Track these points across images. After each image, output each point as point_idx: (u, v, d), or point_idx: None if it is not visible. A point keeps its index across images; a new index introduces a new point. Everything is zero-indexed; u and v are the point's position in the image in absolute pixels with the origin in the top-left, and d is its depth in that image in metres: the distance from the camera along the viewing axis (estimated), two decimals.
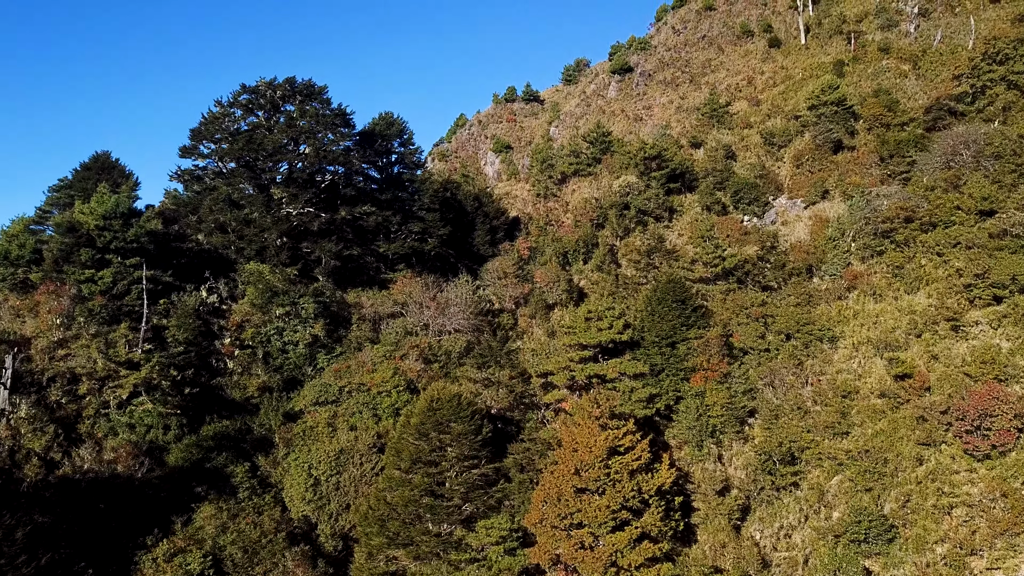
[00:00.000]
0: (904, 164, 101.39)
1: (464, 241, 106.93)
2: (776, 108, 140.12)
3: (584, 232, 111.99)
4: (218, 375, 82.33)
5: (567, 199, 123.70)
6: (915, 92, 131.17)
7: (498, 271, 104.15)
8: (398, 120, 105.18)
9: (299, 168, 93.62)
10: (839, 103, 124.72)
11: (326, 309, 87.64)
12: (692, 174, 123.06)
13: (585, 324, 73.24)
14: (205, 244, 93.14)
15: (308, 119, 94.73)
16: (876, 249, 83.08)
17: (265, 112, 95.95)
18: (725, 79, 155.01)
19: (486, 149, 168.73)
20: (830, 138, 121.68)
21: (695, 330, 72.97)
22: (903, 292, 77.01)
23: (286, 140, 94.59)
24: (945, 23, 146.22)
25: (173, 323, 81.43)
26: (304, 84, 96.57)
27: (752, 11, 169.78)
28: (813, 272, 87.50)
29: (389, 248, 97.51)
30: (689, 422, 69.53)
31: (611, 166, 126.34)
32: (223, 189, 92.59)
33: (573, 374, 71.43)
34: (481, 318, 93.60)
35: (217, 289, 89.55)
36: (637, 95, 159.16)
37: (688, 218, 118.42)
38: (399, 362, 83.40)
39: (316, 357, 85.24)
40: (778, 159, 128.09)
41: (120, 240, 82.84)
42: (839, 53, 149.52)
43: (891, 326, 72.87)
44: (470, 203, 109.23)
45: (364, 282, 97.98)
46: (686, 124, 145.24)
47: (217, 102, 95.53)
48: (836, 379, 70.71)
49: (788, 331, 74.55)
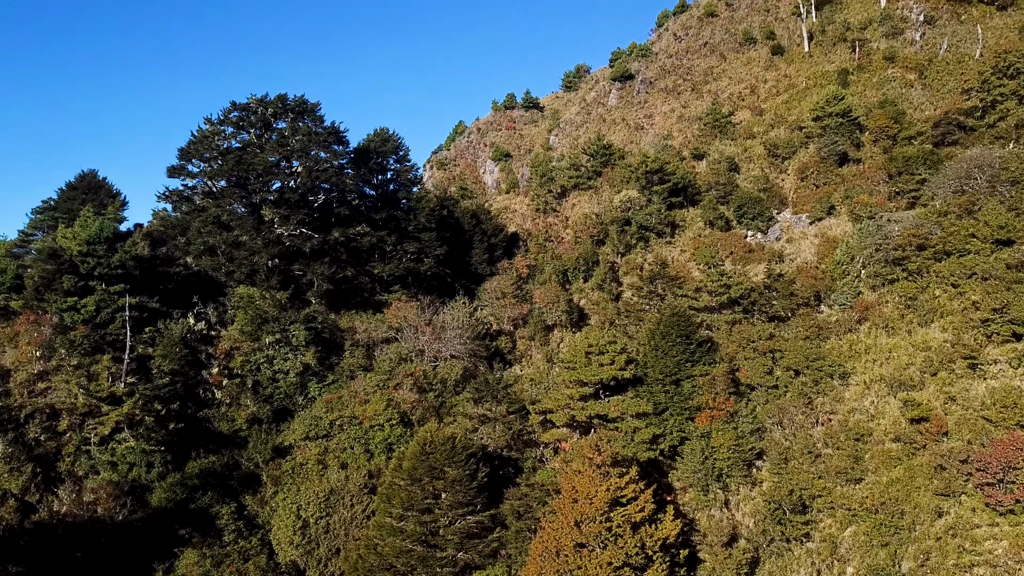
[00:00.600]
0: (913, 182, 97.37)
1: (461, 260, 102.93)
2: (780, 118, 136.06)
3: (584, 249, 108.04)
4: (205, 406, 78.45)
5: (567, 214, 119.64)
6: (922, 102, 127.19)
7: (496, 291, 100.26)
8: (393, 136, 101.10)
9: (291, 188, 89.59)
10: (844, 114, 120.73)
11: (318, 336, 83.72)
12: (695, 188, 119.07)
13: (585, 359, 69.23)
14: (194, 267, 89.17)
15: (300, 137, 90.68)
16: (887, 277, 78.86)
17: (256, 130, 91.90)
18: (727, 87, 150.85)
19: (485, 157, 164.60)
20: (835, 151, 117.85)
21: (700, 366, 68.95)
22: (916, 324, 72.85)
23: (277, 159, 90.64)
24: (951, 31, 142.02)
25: (159, 352, 77.52)
26: (296, 101, 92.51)
27: (755, 17, 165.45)
28: (821, 299, 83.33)
29: (384, 270, 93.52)
30: (694, 465, 65.53)
31: (612, 179, 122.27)
32: (212, 210, 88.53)
33: (573, 413, 67.48)
34: (478, 342, 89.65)
35: (205, 315, 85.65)
36: (638, 103, 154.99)
37: (691, 233, 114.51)
38: (393, 392, 79.57)
39: (307, 386, 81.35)
40: (782, 171, 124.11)
41: (104, 266, 78.90)
42: (843, 61, 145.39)
43: (905, 362, 68.78)
44: (467, 220, 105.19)
45: (358, 304, 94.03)
46: (688, 134, 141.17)
47: (207, 119, 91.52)
48: (848, 419, 66.64)
49: (797, 367, 70.51)
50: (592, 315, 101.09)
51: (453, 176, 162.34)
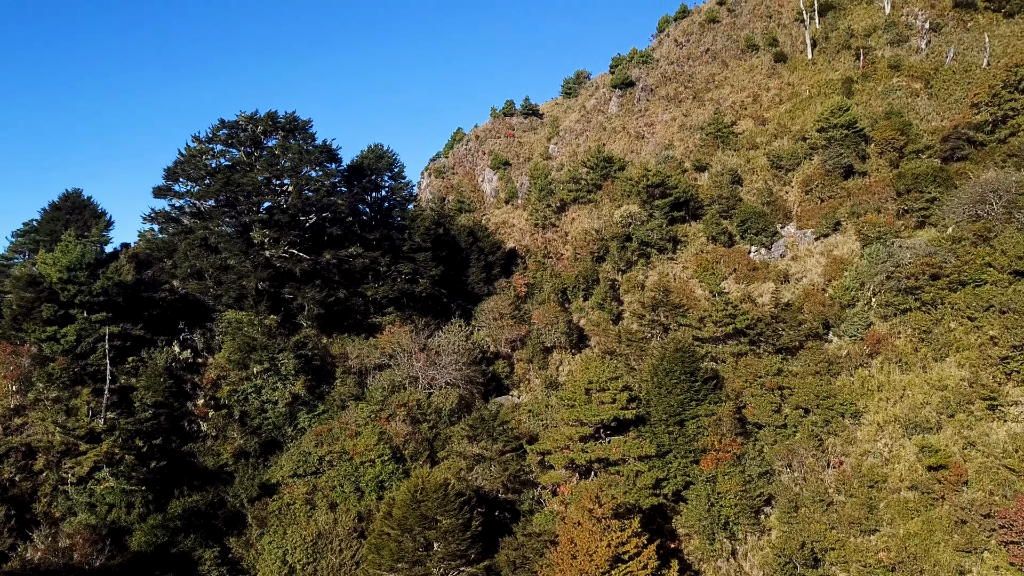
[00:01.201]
0: (922, 200, 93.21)
1: (458, 279, 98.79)
2: (783, 128, 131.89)
3: (584, 267, 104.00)
4: (190, 440, 74.44)
5: (566, 229, 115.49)
6: (928, 112, 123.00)
7: (493, 311, 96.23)
8: (388, 152, 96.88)
9: (281, 208, 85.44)
10: (849, 126, 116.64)
11: (308, 363, 79.70)
12: (697, 201, 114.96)
13: (585, 396, 65.22)
14: (181, 290, 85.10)
15: (291, 155, 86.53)
16: (899, 307, 74.56)
17: (245, 148, 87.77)
18: (730, 95, 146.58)
19: (484, 166, 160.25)
20: (840, 163, 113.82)
21: (705, 405, 64.85)
22: (931, 359, 68.69)
23: (267, 178, 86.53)
24: (957, 39, 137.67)
25: (142, 384, 73.54)
26: (287, 118, 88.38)
27: (757, 24, 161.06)
28: (830, 326, 79.20)
29: (377, 292, 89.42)
30: (700, 512, 61.49)
31: (612, 193, 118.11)
32: (200, 231, 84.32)
33: (572, 456, 63.46)
34: (474, 368, 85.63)
35: (192, 341, 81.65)
36: (639, 111, 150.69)
37: (693, 249, 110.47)
38: (385, 424, 75.61)
39: (297, 416, 77.43)
40: (786, 183, 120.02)
41: (86, 293, 74.89)
42: (847, 69, 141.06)
43: (920, 401, 64.67)
44: (464, 238, 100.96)
45: (351, 326, 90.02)
46: (689, 143, 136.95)
47: (194, 138, 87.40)
48: (861, 463, 62.56)
49: (806, 405, 66.45)
50: (592, 336, 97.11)
51: (451, 184, 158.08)
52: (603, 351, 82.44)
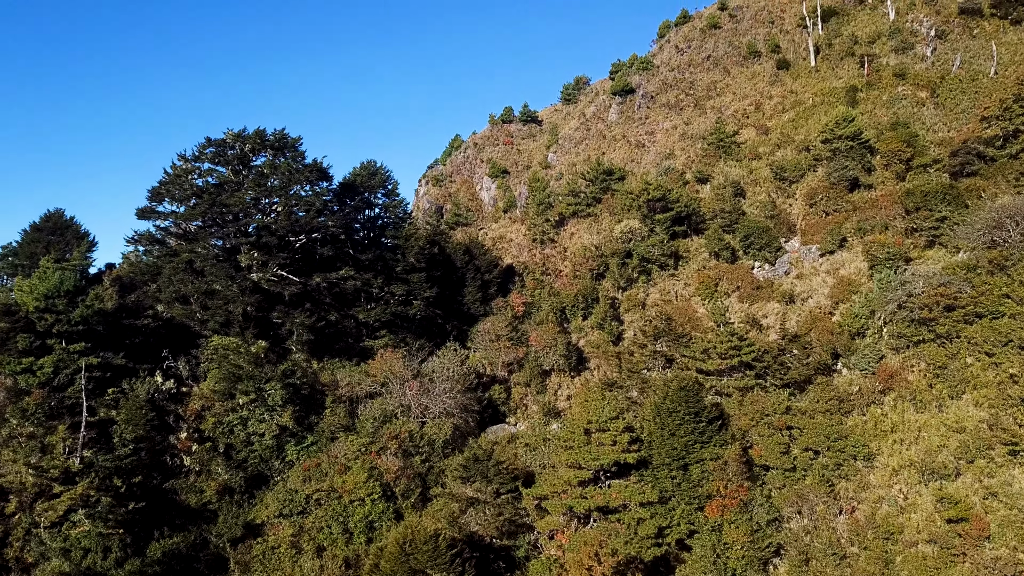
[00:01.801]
0: (932, 219, 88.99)
1: (453, 299, 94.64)
2: (786, 137, 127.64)
3: (583, 285, 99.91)
4: (172, 476, 70.41)
5: (565, 244, 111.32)
6: (935, 123, 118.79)
7: (490, 333, 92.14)
8: (381, 169, 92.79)
9: (270, 229, 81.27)
10: (854, 137, 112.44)
11: (296, 392, 75.64)
12: (699, 215, 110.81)
13: (585, 437, 61.19)
14: (165, 315, 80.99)
15: (280, 175, 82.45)
16: (912, 339, 70.36)
17: (233, 167, 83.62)
18: (731, 103, 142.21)
19: (482, 174, 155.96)
20: (846, 176, 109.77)
21: (710, 447, 60.69)
22: (946, 396, 64.55)
23: (255, 197, 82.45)
24: (964, 47, 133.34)
25: (122, 417, 69.51)
26: (276, 135, 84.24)
27: (759, 30, 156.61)
28: (839, 356, 75.04)
29: (369, 315, 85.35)
30: (705, 564, 57.39)
31: (612, 207, 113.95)
32: (185, 255, 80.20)
33: (570, 503, 59.36)
34: (469, 395, 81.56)
35: (176, 370, 77.64)
36: (639, 119, 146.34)
37: (695, 265, 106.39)
38: (375, 458, 71.62)
39: (284, 448, 73.44)
40: (789, 195, 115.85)
41: (64, 323, 70.87)
42: (851, 77, 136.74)
43: (936, 444, 60.54)
44: (460, 257, 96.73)
45: (342, 350, 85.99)
46: (691, 153, 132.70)
47: (180, 156, 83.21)
48: (875, 511, 58.43)
49: (816, 447, 62.37)
50: (592, 358, 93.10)
51: (449, 193, 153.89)
52: (603, 382, 78.25)
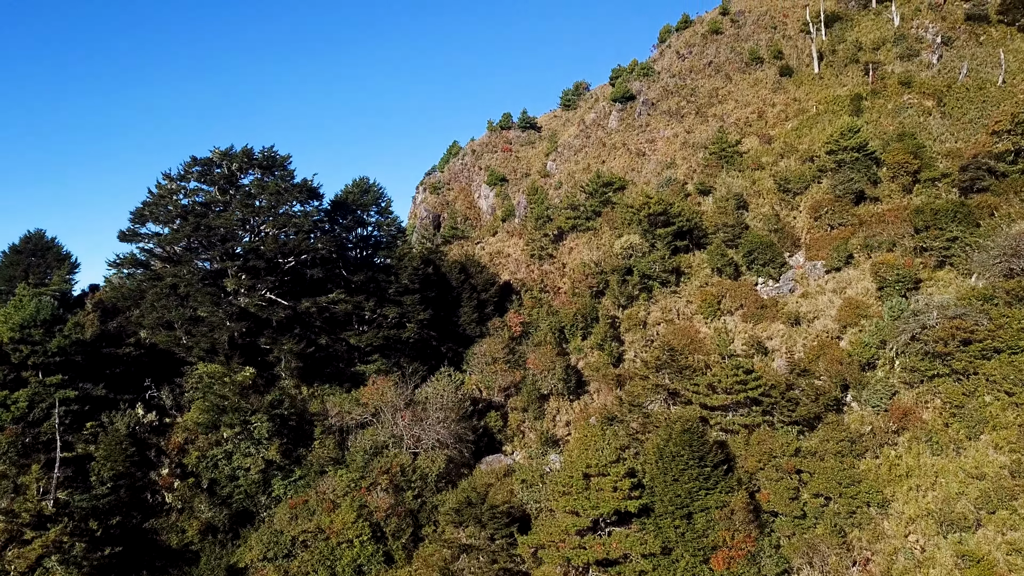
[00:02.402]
0: (943, 239, 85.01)
1: (448, 320, 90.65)
2: (789, 147, 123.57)
3: (582, 303, 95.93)
4: (153, 514, 66.49)
5: (564, 260, 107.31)
6: (941, 133, 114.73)
7: (486, 355, 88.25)
8: (374, 186, 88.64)
9: (257, 252, 77.31)
10: (860, 148, 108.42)
11: (284, 424, 71.78)
12: (701, 230, 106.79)
13: (583, 482, 57.25)
14: (148, 342, 77.09)
15: (268, 195, 78.49)
16: (926, 374, 66.30)
17: (219, 186, 79.66)
18: (734, 111, 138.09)
19: (480, 181, 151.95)
20: (851, 188, 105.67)
21: (716, 494, 56.67)
22: (964, 437, 60.49)
23: (243, 219, 78.52)
24: (970, 54, 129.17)
25: (100, 454, 65.61)
26: (264, 154, 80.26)
27: (761, 35, 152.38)
28: (848, 387, 70.99)
29: (361, 340, 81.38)
30: None
31: (612, 220, 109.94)
32: (168, 279, 76.23)
33: (568, 555, 55.42)
34: (465, 424, 77.64)
35: (159, 400, 73.77)
36: (639, 126, 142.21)
37: (697, 282, 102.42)
38: (365, 495, 67.75)
39: (271, 483, 69.64)
40: (794, 208, 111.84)
41: (40, 354, 67.02)
42: (856, 85, 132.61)
43: (955, 491, 56.47)
44: (455, 276, 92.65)
45: (333, 375, 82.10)
46: (692, 162, 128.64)
47: (165, 175, 79.29)
48: (891, 564, 54.31)
49: (827, 492, 58.33)
50: (591, 382, 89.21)
51: (446, 201, 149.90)
52: (603, 416, 74.20)
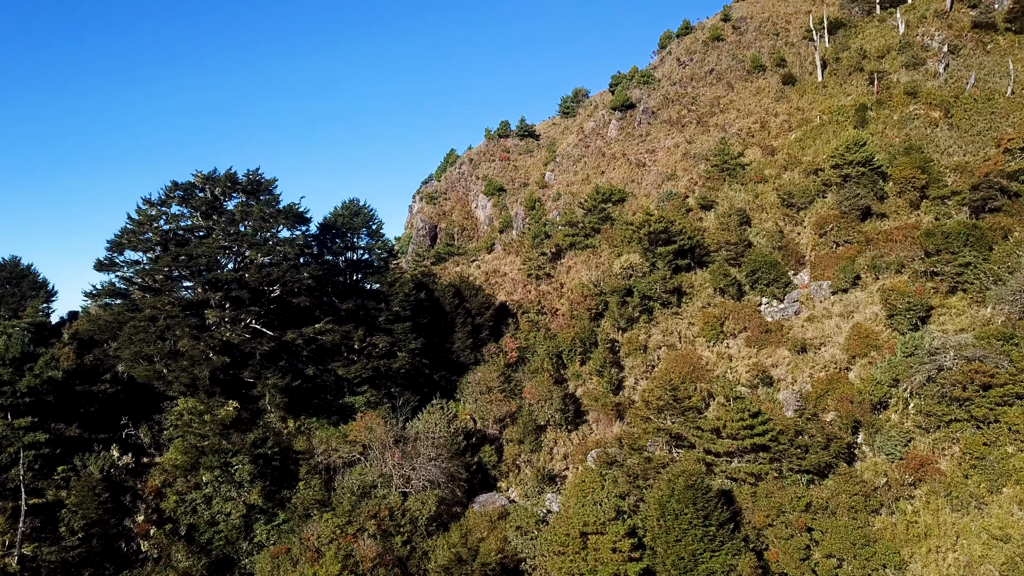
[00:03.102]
0: (955, 265, 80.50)
1: (441, 347, 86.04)
2: (793, 159, 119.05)
3: (581, 327, 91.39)
4: (127, 565, 61.91)
5: (562, 279, 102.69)
6: (949, 145, 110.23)
7: (481, 384, 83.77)
8: (364, 208, 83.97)
9: (241, 281, 72.73)
10: (866, 163, 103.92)
11: (267, 464, 67.35)
12: (703, 248, 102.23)
13: (580, 541, 52.79)
14: (125, 376, 72.58)
15: (252, 221, 73.91)
16: (943, 419, 61.67)
17: (201, 212, 75.04)
18: (736, 121, 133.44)
19: (477, 191, 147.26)
20: (857, 204, 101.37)
21: (722, 556, 52.09)
22: (985, 490, 55.96)
23: (226, 246, 73.98)
24: (978, 63, 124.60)
25: (72, 500, 61.11)
26: (248, 178, 75.68)
27: (763, 42, 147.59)
28: (860, 428, 66.41)
29: (349, 371, 76.83)
30: None
31: (611, 238, 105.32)
32: (147, 310, 71.68)
33: None
34: (458, 461, 73.22)
35: (136, 438, 69.33)
36: (640, 136, 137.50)
37: (699, 302, 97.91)
38: (352, 541, 63.22)
39: (253, 528, 65.19)
40: (798, 223, 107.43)
41: (8, 395, 62.46)
42: (860, 95, 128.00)
43: (978, 554, 52.02)
44: (449, 300, 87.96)
45: (321, 407, 77.61)
46: (694, 174, 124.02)
47: (145, 200, 74.59)
48: None
49: (840, 553, 53.78)
50: (590, 411, 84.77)
51: (443, 211, 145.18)
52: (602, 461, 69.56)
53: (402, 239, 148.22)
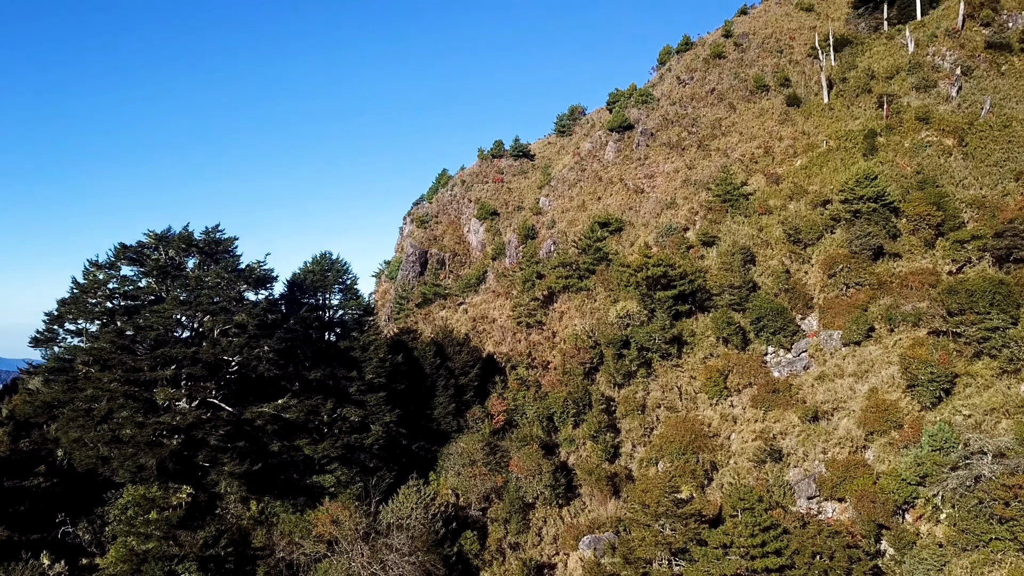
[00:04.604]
0: (981, 328, 70.90)
1: (420, 414, 76.35)
2: (799, 188, 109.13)
3: (574, 385, 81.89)
4: None
5: (554, 326, 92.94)
6: (964, 177, 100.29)
7: (464, 456, 74.37)
8: (337, 262, 74.17)
9: (194, 357, 63.08)
10: (878, 198, 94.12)
11: (220, 568, 58.11)
12: (705, 291, 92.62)
13: None
14: (65, 463, 63.19)
15: (207, 290, 64.29)
16: (982, 537, 52.20)
17: (155, 276, 65.49)
18: (738, 145, 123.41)
19: (469, 215, 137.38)
20: (869, 244, 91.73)
21: None
22: None
23: (179, 317, 64.45)
24: (992, 87, 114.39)
25: None
26: (206, 238, 66.11)
27: (767, 60, 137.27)
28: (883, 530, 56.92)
29: (316, 451, 67.33)
30: None
31: (607, 281, 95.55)
32: (89, 390, 62.12)
33: None
34: (435, 553, 63.86)
35: (74, 537, 60.00)
36: (638, 159, 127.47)
37: (701, 353, 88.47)
38: None
39: None
40: (805, 261, 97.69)
41: None
42: (869, 119, 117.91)
43: None
44: (430, 360, 77.99)
45: (286, 486, 68.11)
46: (694, 202, 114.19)
47: (92, 263, 64.89)
48: None
49: None
50: (583, 484, 75.40)
51: (434, 236, 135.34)
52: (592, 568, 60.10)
53: (391, 264, 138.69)
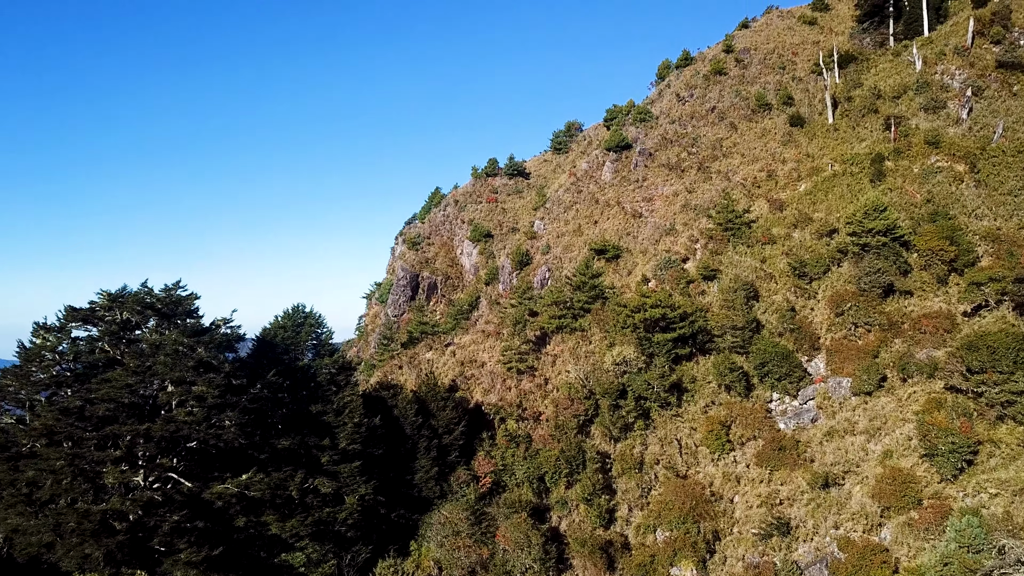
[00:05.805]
0: (1006, 391, 63.72)
1: (400, 479, 69.04)
2: (803, 215, 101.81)
3: (567, 442, 74.54)
4: None
5: (546, 372, 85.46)
6: (977, 206, 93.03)
7: (447, 525, 67.14)
8: (311, 316, 66.81)
9: (146, 434, 55.86)
10: (887, 231, 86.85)
11: None
12: (706, 332, 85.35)
13: None
14: (5, 552, 56.08)
15: (164, 357, 56.98)
16: None
17: (108, 340, 58.26)
18: (740, 167, 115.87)
19: (462, 236, 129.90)
20: (878, 281, 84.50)
21: None
22: None
23: (131, 385, 57.12)
24: (1004, 108, 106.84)
25: None
26: (163, 297, 58.72)
27: (769, 77, 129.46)
28: None
29: (284, 528, 60.17)
30: None
31: (603, 321, 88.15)
32: (29, 473, 54.97)
33: None
34: None
35: None
36: (636, 181, 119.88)
37: (702, 400, 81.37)
38: None
39: None
40: (811, 296, 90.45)
41: None
42: (876, 141, 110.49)
43: None
44: (411, 419, 70.43)
45: (252, 566, 60.99)
46: (694, 229, 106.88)
47: (40, 326, 57.77)
48: None
49: None
50: (576, 556, 68.19)
51: (426, 259, 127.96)
52: None
53: (382, 286, 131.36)
